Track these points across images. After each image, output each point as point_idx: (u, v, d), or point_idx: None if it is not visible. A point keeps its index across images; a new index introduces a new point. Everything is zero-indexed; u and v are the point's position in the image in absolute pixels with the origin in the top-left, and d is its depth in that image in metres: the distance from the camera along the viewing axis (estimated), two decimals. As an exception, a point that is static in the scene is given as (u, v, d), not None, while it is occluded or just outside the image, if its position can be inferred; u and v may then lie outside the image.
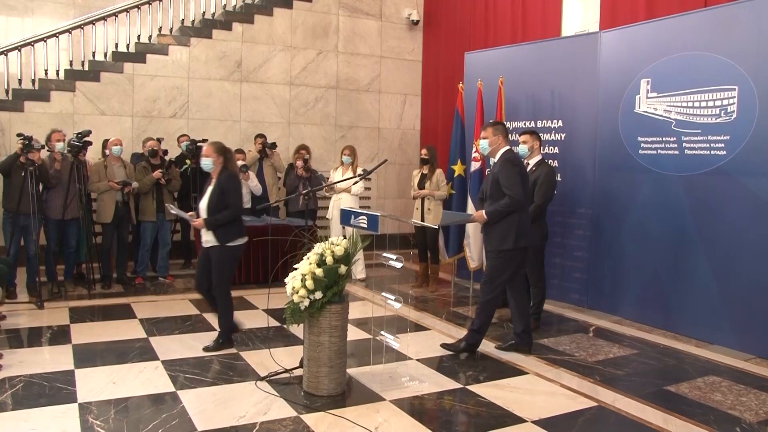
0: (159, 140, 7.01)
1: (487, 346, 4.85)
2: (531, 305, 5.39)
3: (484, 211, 4.50)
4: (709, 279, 5.09)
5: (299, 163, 7.47)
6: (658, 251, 5.47)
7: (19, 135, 5.77)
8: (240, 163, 7.16)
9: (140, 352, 4.49)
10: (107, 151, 6.57)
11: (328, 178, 7.52)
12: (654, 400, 3.84)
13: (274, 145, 7.70)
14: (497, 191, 4.46)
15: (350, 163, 7.08)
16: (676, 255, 5.33)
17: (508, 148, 4.60)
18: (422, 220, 6.46)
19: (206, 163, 4.53)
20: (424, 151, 6.74)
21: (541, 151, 5.61)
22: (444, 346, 4.69)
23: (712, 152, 5.08)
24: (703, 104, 5.14)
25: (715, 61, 5.06)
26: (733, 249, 4.94)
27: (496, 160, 4.62)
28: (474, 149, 6.56)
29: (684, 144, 5.28)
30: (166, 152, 7.14)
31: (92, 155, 6.77)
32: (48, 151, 6.09)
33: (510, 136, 6.44)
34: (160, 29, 8.31)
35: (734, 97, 4.93)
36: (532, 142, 5.41)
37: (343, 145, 7.47)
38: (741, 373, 4.40)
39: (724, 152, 5.00)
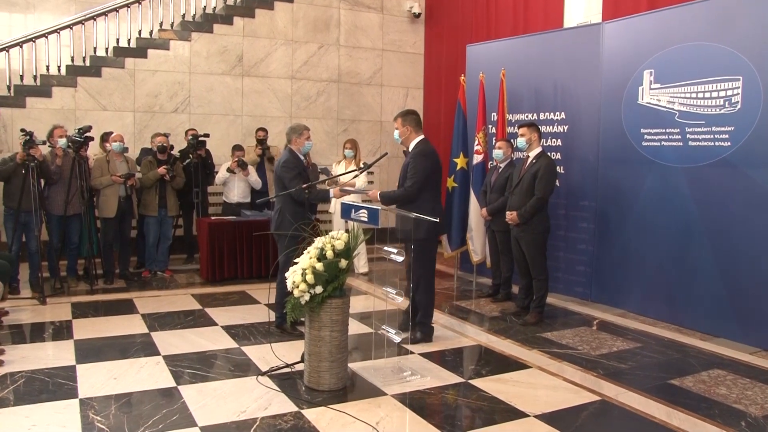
0: (166, 135, 7.01)
1: (489, 340, 4.83)
2: (534, 299, 5.38)
3: (378, 193, 4.73)
4: (714, 271, 5.05)
5: None
6: (662, 244, 5.43)
7: (21, 131, 5.78)
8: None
9: (142, 347, 4.49)
10: (107, 145, 6.56)
11: (331, 172, 7.51)
12: (658, 394, 3.81)
13: (264, 142, 7.91)
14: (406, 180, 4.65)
15: (352, 156, 7.07)
16: (680, 247, 5.29)
17: (422, 138, 4.70)
18: None
19: None
20: None
21: (541, 143, 5.57)
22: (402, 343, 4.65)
23: (716, 143, 5.03)
24: (707, 95, 5.08)
25: (719, 51, 5.01)
26: (737, 241, 4.90)
27: (411, 150, 4.70)
28: (476, 142, 6.53)
29: (688, 135, 5.23)
30: (171, 147, 7.13)
31: (93, 150, 6.76)
32: (50, 146, 6.09)
33: (512, 129, 6.47)
34: (161, 24, 8.30)
35: (738, 87, 4.88)
36: (530, 135, 5.37)
37: (345, 139, 7.45)
38: (746, 367, 4.36)
39: (729, 143, 4.95)
